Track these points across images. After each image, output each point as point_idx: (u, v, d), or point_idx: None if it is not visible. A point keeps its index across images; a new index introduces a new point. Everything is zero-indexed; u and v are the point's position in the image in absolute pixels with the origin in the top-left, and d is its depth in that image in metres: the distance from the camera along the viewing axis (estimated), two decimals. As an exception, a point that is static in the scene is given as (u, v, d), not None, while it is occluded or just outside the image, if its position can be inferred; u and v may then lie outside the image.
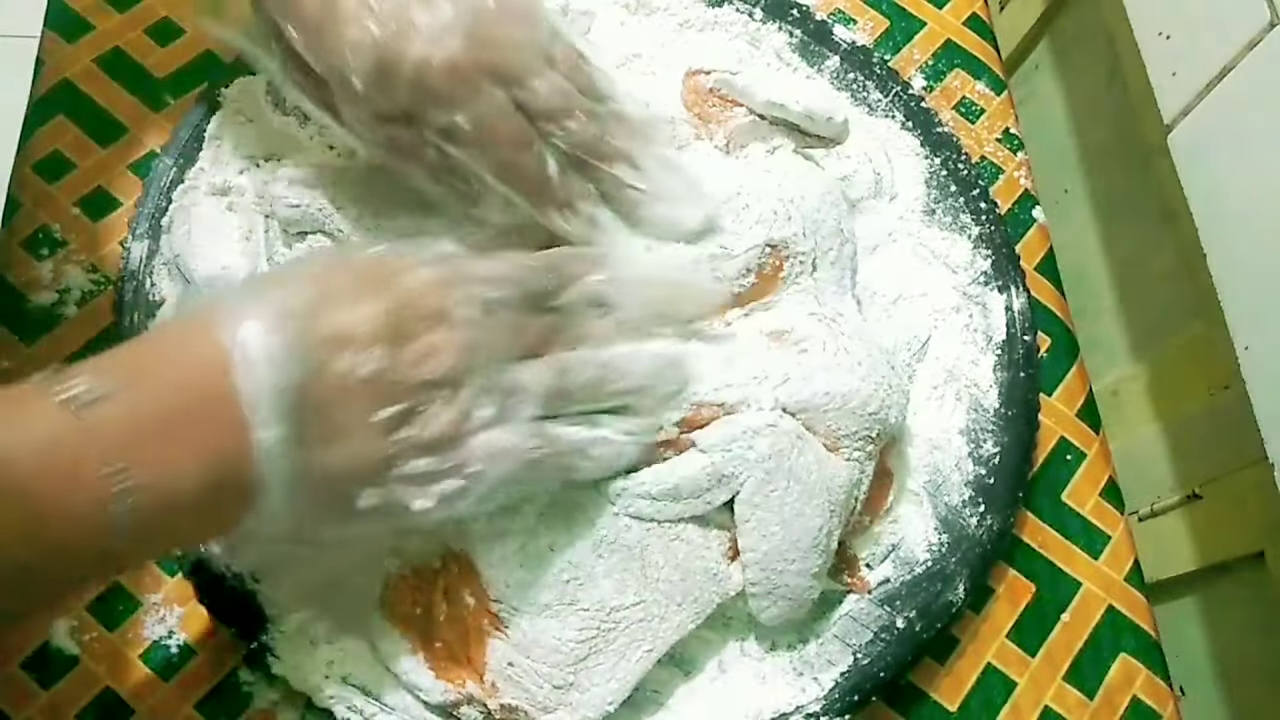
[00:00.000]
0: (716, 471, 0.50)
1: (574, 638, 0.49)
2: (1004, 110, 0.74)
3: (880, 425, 0.54)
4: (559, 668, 0.49)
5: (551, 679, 0.49)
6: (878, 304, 0.63)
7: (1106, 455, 0.65)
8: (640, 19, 0.68)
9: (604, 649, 0.49)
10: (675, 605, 0.50)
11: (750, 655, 0.54)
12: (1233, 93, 0.53)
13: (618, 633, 0.49)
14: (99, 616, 0.51)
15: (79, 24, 0.64)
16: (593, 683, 0.49)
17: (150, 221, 0.57)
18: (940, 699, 0.57)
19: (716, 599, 0.51)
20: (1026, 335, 0.63)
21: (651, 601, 0.50)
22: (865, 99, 0.69)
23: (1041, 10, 0.78)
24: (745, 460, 0.50)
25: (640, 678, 0.50)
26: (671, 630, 0.50)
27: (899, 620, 0.55)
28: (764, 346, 0.53)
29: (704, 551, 0.51)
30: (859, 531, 0.56)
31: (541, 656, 0.49)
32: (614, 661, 0.49)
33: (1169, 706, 0.59)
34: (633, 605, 0.50)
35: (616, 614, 0.49)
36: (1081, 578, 0.61)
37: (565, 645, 0.49)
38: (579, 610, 0.49)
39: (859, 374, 0.53)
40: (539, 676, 0.49)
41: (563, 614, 0.49)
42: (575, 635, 0.49)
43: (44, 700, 0.49)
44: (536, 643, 0.49)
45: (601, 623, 0.49)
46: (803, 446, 0.51)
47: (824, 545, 0.52)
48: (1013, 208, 0.70)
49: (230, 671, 0.51)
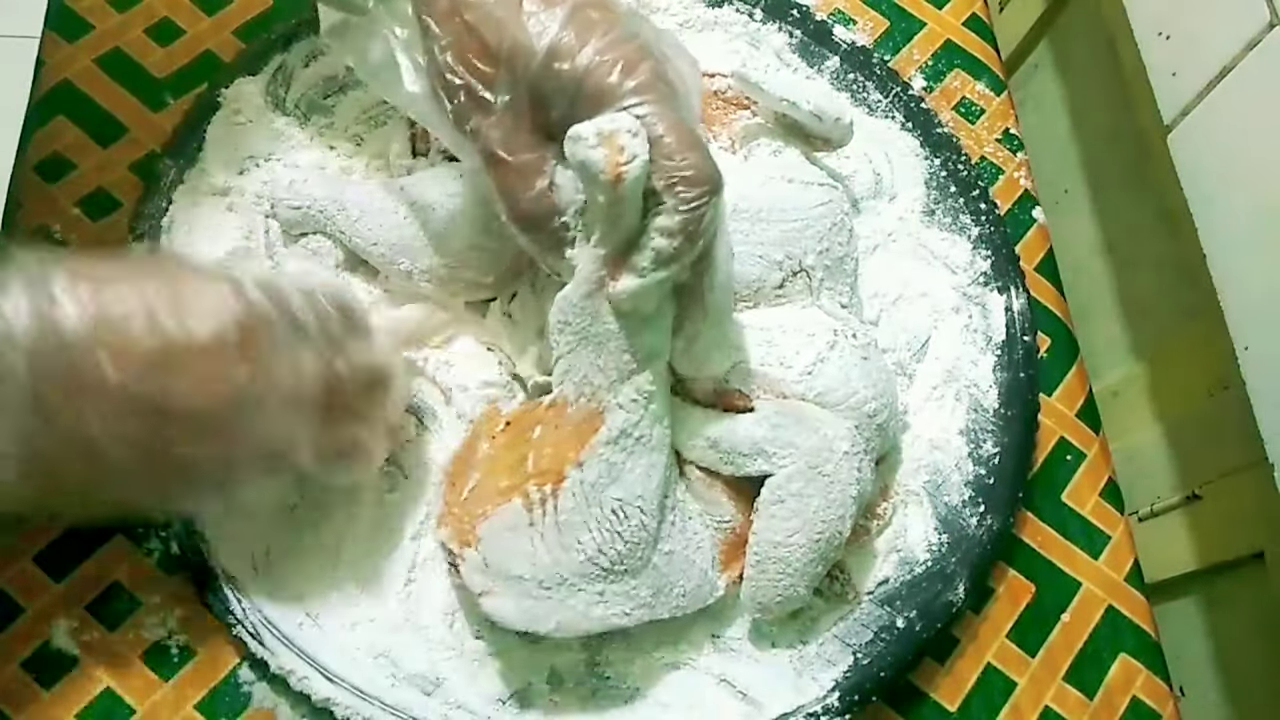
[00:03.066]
0: (760, 443, 0.51)
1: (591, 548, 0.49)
2: (1004, 111, 0.74)
3: (880, 436, 0.54)
4: (552, 570, 0.49)
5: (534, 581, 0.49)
6: (878, 304, 0.63)
7: (1106, 455, 0.65)
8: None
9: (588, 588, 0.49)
10: (671, 590, 0.51)
11: (751, 655, 0.54)
12: (1233, 93, 0.53)
13: (623, 578, 0.49)
14: (99, 616, 0.51)
15: (79, 24, 0.64)
16: (558, 608, 0.49)
17: (150, 222, 0.58)
18: (940, 699, 0.57)
19: (701, 601, 0.52)
20: (1026, 335, 0.63)
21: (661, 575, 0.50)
22: (865, 99, 0.69)
23: (1041, 10, 0.78)
24: (793, 446, 0.51)
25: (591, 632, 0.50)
26: (649, 610, 0.51)
27: (899, 620, 0.55)
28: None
29: (702, 551, 0.52)
30: (858, 537, 0.56)
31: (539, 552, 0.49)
32: (588, 604, 0.49)
33: (1169, 707, 0.59)
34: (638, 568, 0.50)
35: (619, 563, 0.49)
36: (1081, 578, 0.61)
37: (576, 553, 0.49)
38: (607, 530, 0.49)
39: (866, 380, 0.53)
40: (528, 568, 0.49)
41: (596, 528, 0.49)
42: (594, 546, 0.49)
43: (44, 700, 0.49)
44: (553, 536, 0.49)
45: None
46: (851, 454, 0.52)
47: (831, 556, 0.52)
48: (1013, 208, 0.70)
49: (230, 671, 0.51)
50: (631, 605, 0.50)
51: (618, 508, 0.49)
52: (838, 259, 0.57)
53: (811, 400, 0.53)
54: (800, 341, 0.53)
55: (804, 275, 0.56)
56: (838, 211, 0.58)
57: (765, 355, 0.53)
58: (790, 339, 0.54)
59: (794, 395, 0.53)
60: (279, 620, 0.50)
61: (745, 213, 0.55)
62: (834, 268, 0.57)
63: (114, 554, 0.52)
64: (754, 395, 0.53)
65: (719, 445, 0.52)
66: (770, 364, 0.53)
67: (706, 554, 0.52)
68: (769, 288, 0.55)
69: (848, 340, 0.54)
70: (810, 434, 0.51)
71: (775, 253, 0.55)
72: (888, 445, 0.56)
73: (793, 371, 0.53)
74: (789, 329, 0.54)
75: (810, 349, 0.53)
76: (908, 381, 0.62)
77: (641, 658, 0.53)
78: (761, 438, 0.51)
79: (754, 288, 0.55)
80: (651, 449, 0.50)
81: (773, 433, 0.51)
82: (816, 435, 0.51)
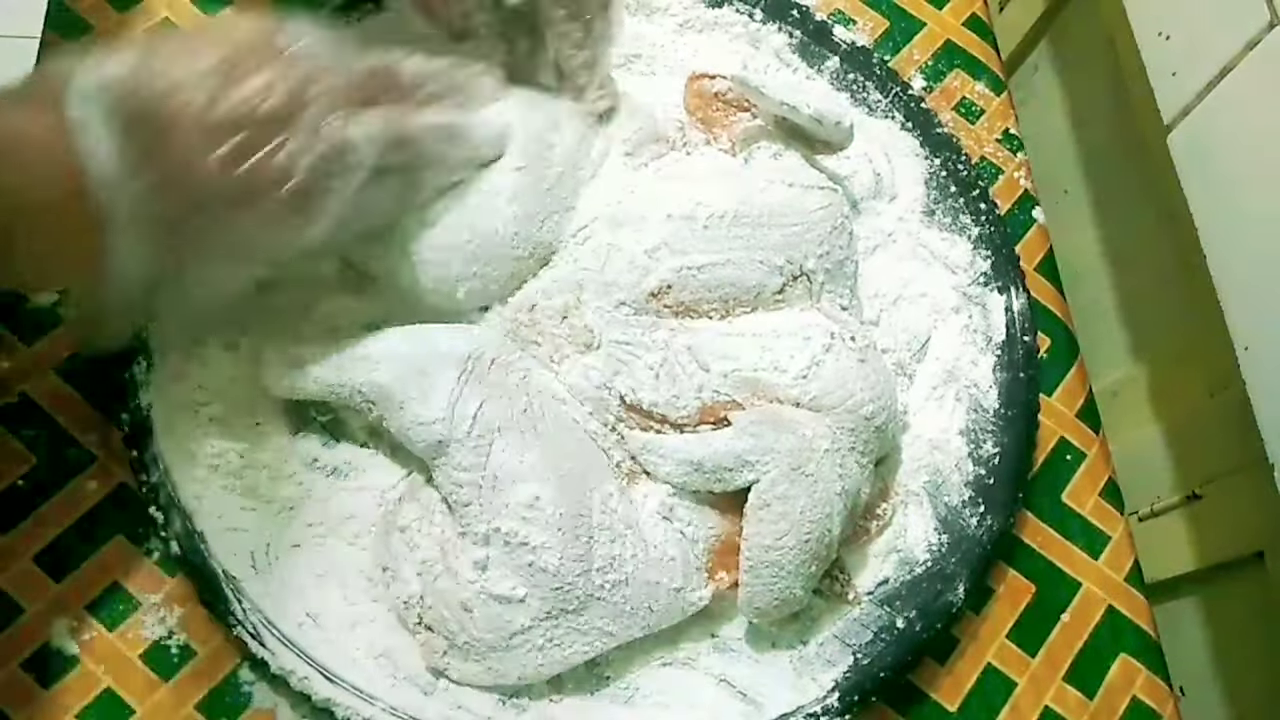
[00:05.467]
0: (743, 455, 0.51)
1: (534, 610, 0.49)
2: (1004, 111, 0.74)
3: (879, 438, 0.54)
4: (498, 631, 0.49)
5: (487, 636, 0.50)
6: (877, 304, 0.63)
7: (1106, 455, 0.65)
8: (640, 20, 0.68)
9: (549, 629, 0.50)
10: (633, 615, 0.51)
11: (750, 655, 0.54)
12: (1233, 93, 0.53)
13: (567, 617, 0.50)
14: (99, 616, 0.51)
15: (79, 24, 0.64)
16: (514, 661, 0.50)
17: (150, 222, 0.57)
18: (940, 699, 0.57)
19: (678, 615, 0.52)
20: (1026, 336, 0.63)
21: (615, 603, 0.50)
22: (865, 100, 0.69)
23: (1041, 10, 0.78)
24: (774, 451, 0.51)
25: (559, 672, 0.51)
26: (613, 638, 0.51)
27: (899, 620, 0.55)
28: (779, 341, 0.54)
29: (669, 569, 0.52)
30: (858, 537, 0.56)
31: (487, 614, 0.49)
32: (541, 649, 0.50)
33: (1169, 706, 0.59)
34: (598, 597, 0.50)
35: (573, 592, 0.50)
36: (1081, 578, 0.61)
37: (510, 612, 0.49)
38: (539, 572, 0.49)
39: (864, 382, 0.53)
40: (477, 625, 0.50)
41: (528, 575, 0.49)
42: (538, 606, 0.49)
43: (44, 700, 0.49)
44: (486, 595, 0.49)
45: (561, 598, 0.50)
46: (833, 451, 0.52)
47: (824, 555, 0.52)
48: (1013, 208, 0.70)
49: (230, 671, 0.51)
50: (590, 638, 0.50)
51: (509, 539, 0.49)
52: (838, 262, 0.57)
53: (807, 404, 0.53)
54: (795, 345, 0.54)
55: (805, 279, 0.56)
56: (838, 215, 0.58)
57: (759, 360, 0.53)
58: (785, 343, 0.54)
59: (789, 400, 0.53)
60: (279, 620, 0.50)
61: (746, 218, 0.55)
62: (834, 271, 0.57)
63: (114, 554, 0.52)
64: (747, 402, 0.53)
65: (703, 467, 0.52)
66: (765, 368, 0.53)
67: (676, 570, 0.52)
68: (769, 292, 0.55)
69: (845, 342, 0.54)
70: (789, 436, 0.51)
71: (776, 257, 0.55)
72: (887, 446, 0.56)
73: (787, 375, 0.53)
74: (784, 333, 0.54)
75: (806, 352, 0.53)
76: (908, 381, 0.62)
77: (641, 658, 0.53)
78: (743, 449, 0.51)
79: (754, 292, 0.55)
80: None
81: (754, 442, 0.51)
82: (796, 436, 0.51)
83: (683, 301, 0.55)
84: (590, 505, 0.50)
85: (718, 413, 0.53)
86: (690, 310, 0.55)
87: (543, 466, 0.50)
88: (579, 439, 0.53)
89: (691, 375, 0.53)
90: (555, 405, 0.53)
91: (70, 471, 0.53)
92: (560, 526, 0.49)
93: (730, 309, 0.55)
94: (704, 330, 0.54)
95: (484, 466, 0.50)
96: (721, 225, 0.55)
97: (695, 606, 0.52)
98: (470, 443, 0.50)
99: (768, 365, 0.53)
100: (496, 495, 0.50)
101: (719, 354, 0.53)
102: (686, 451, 0.52)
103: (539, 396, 0.52)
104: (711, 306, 0.55)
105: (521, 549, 0.49)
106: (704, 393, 0.53)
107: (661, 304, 0.55)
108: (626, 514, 0.52)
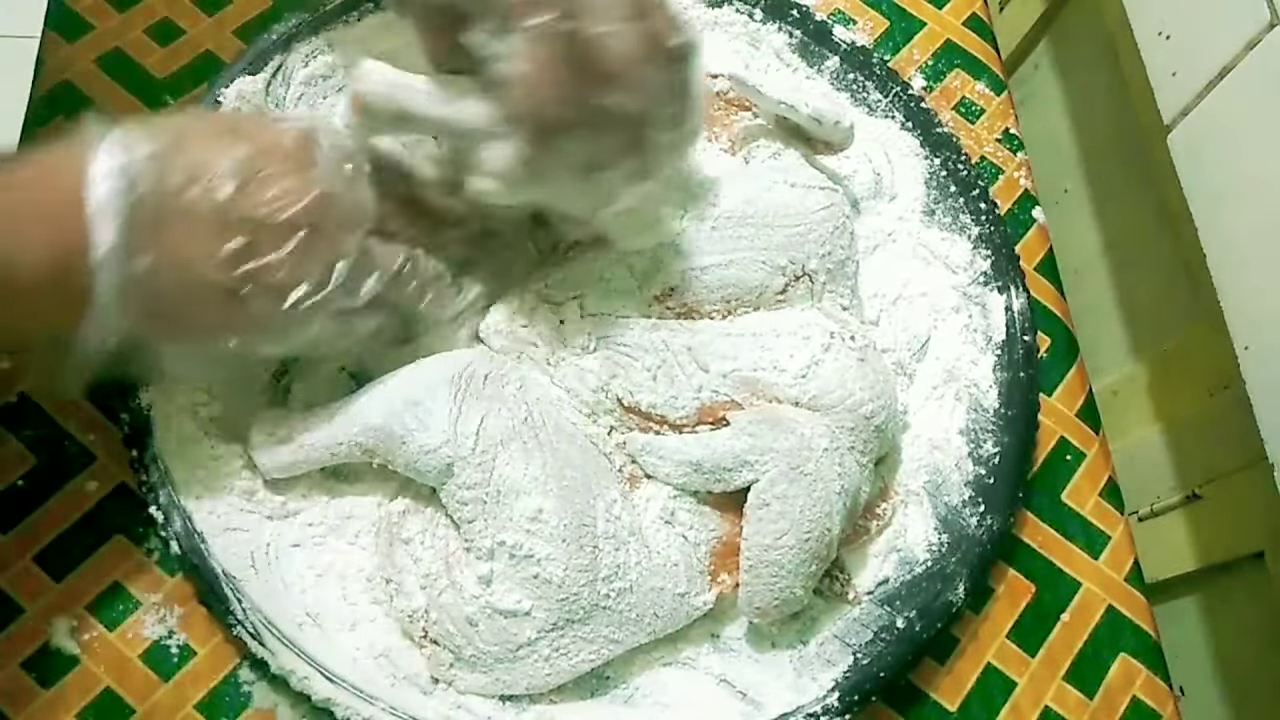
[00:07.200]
0: (742, 455, 0.51)
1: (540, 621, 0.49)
2: (1004, 110, 0.74)
3: (879, 437, 0.54)
4: (504, 644, 0.49)
5: (494, 649, 0.49)
6: (877, 304, 0.63)
7: (1106, 455, 0.65)
8: (640, 19, 0.68)
9: (555, 639, 0.50)
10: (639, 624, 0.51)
11: (750, 655, 0.54)
12: (1233, 93, 0.53)
13: (573, 627, 0.50)
14: (99, 616, 0.51)
15: (79, 24, 0.64)
16: (521, 672, 0.50)
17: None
18: (940, 699, 0.57)
19: (682, 620, 0.52)
20: (1026, 335, 0.63)
21: (622, 611, 0.50)
22: (865, 99, 0.69)
23: (1041, 10, 0.78)
24: (773, 450, 0.51)
25: (567, 681, 0.51)
26: (620, 645, 0.51)
27: (899, 620, 0.55)
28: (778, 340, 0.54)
29: (672, 575, 0.52)
30: (858, 537, 0.56)
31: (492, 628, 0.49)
32: (548, 659, 0.50)
33: (1169, 706, 0.59)
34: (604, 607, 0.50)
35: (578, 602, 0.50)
36: (1081, 578, 0.61)
37: (516, 624, 0.49)
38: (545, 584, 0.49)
39: (863, 382, 0.53)
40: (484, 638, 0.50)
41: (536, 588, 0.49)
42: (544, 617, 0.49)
43: (44, 700, 0.49)
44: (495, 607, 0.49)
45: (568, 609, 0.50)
46: (832, 450, 0.52)
47: (823, 554, 0.52)
48: (1013, 208, 0.70)
49: (230, 671, 0.51)
50: (596, 647, 0.50)
51: (515, 551, 0.49)
52: (840, 262, 0.57)
53: (806, 403, 0.53)
54: (795, 344, 0.54)
55: (807, 279, 0.56)
56: (839, 215, 0.58)
57: (759, 360, 0.53)
58: (785, 342, 0.54)
59: (788, 399, 0.53)
60: (279, 620, 0.50)
61: (749, 218, 0.55)
62: (835, 271, 0.57)
63: (114, 554, 0.52)
64: (746, 401, 0.53)
65: (702, 467, 0.52)
66: (764, 368, 0.53)
67: (680, 575, 0.52)
68: (771, 293, 0.55)
69: (844, 342, 0.54)
70: (788, 435, 0.51)
71: (779, 258, 0.55)
72: (887, 446, 0.56)
73: (786, 375, 0.53)
74: (783, 332, 0.54)
75: (805, 352, 0.53)
76: (908, 381, 0.62)
77: (641, 658, 0.53)
78: (742, 449, 0.51)
79: (756, 293, 0.55)
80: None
81: (752, 441, 0.51)
82: (794, 436, 0.51)
83: (686, 303, 0.55)
84: (594, 514, 0.50)
85: (716, 413, 0.53)
86: (692, 311, 0.55)
87: (546, 477, 0.50)
88: (581, 445, 0.52)
89: (690, 375, 0.53)
90: (555, 412, 0.53)
91: (70, 471, 0.53)
92: (565, 538, 0.49)
93: (732, 309, 0.55)
94: (703, 330, 0.54)
95: (489, 482, 0.49)
96: (728, 226, 0.55)
97: (699, 611, 0.52)
98: (475, 459, 0.49)
99: (767, 365, 0.53)
100: (501, 509, 0.49)
101: (718, 354, 0.53)
102: (685, 452, 0.52)
103: (538, 404, 0.52)
104: (714, 307, 0.55)
105: (526, 561, 0.49)
106: (703, 393, 0.53)
107: (665, 306, 0.55)
108: (630, 521, 0.52)
